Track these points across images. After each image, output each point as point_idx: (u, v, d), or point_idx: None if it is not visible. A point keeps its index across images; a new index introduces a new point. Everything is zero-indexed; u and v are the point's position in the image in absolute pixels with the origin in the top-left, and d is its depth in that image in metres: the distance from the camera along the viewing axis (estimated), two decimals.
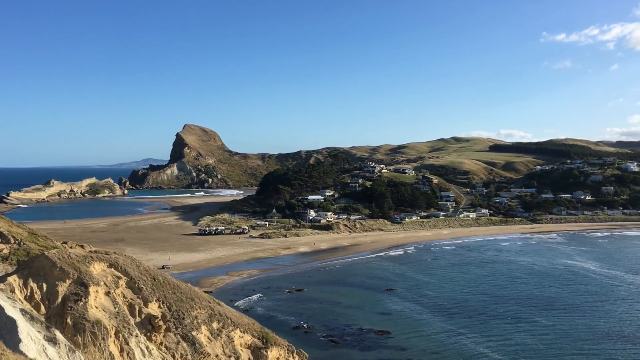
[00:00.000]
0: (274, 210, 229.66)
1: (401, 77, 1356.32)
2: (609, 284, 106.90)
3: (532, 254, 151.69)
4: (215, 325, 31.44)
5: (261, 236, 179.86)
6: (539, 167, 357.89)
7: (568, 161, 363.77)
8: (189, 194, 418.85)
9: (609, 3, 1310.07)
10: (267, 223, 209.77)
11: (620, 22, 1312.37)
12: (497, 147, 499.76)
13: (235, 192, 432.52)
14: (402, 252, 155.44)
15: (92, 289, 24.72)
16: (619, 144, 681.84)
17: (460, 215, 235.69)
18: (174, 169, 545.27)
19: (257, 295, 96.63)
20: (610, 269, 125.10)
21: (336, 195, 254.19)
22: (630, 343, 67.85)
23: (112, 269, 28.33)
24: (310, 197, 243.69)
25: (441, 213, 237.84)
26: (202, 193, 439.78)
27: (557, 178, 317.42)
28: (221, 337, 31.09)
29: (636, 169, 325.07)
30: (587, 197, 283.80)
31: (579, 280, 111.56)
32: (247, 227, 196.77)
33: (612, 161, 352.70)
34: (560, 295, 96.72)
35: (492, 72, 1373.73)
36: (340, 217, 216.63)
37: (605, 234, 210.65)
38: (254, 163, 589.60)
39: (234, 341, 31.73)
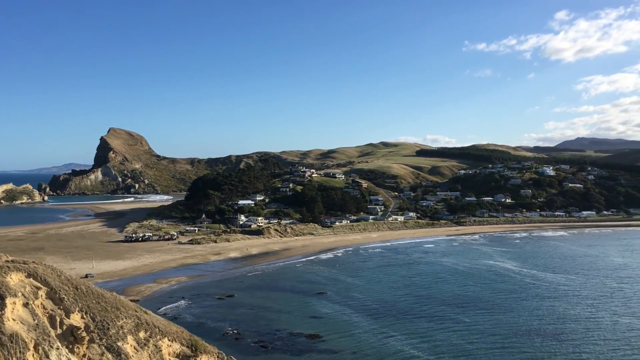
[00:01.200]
0: (203, 216, 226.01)
1: (330, 82, 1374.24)
2: (526, 283, 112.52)
3: (456, 255, 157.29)
4: (142, 334, 30.75)
5: (190, 242, 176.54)
6: (462, 172, 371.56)
7: (490, 165, 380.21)
8: (114, 200, 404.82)
9: (525, 15, 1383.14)
10: (196, 229, 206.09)
11: (536, 33, 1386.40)
12: (423, 152, 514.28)
13: (164, 197, 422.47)
14: (332, 256, 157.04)
15: (9, 301, 23.63)
16: (536, 149, 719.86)
17: (389, 219, 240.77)
18: (98, 174, 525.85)
19: (186, 302, 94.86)
20: (527, 268, 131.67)
21: (267, 200, 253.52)
22: (544, 337, 71.66)
23: (31, 279, 27.17)
24: (241, 202, 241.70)
25: (370, 217, 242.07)
26: (130, 199, 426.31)
27: (480, 182, 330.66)
28: (148, 347, 30.44)
29: (552, 173, 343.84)
30: (508, 200, 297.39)
31: (499, 280, 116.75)
32: (175, 233, 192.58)
33: (530, 165, 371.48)
34: (481, 294, 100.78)
35: (419, 79, 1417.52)
36: (271, 221, 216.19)
37: (524, 235, 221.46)
38: (183, 168, 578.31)
39: (161, 350, 31.14)
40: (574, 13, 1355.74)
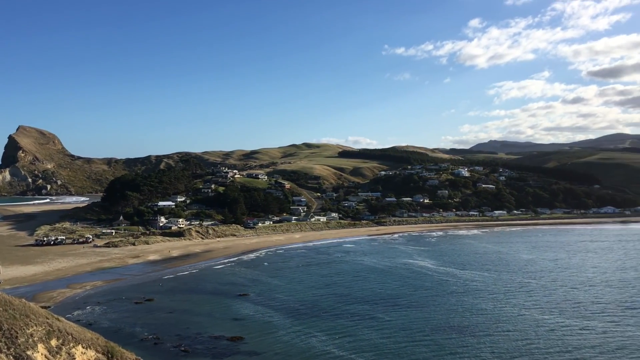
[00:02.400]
0: (121, 218, 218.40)
1: (251, 82, 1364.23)
2: (442, 280, 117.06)
3: (376, 255, 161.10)
4: (54, 342, 29.50)
5: (107, 245, 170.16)
6: (383, 173, 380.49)
7: (409, 167, 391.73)
8: (24, 202, 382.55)
9: (441, 22, 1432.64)
10: (113, 231, 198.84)
11: (451, 39, 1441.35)
12: (345, 153, 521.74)
13: (79, 199, 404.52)
14: (255, 257, 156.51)
15: None
16: (452, 151, 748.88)
17: (312, 219, 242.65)
18: (5, 175, 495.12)
19: (102, 307, 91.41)
20: (443, 266, 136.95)
21: (188, 201, 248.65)
22: (458, 331, 74.89)
23: None
24: (161, 203, 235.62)
25: (293, 217, 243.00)
26: (42, 200, 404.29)
27: (400, 183, 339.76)
28: (61, 355, 29.26)
29: (467, 174, 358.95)
30: (426, 200, 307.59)
31: (417, 277, 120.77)
32: (91, 236, 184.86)
33: (447, 167, 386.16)
34: (400, 292, 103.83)
35: (340, 81, 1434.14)
36: (193, 223, 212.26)
37: (441, 233, 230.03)
38: (99, 168, 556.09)
39: (75, 358, 30.02)
40: (486, 21, 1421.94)
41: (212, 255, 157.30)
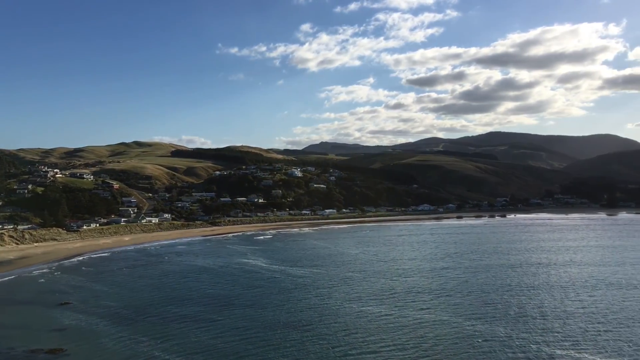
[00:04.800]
0: None
1: (79, 76, 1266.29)
2: (274, 277, 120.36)
3: (211, 255, 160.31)
4: None
5: None
6: (218, 173, 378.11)
7: (244, 167, 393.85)
8: None
9: (274, 24, 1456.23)
10: None
11: (284, 42, 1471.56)
12: (179, 153, 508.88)
13: None
14: (78, 262, 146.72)
15: None
16: (286, 151, 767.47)
17: (143, 221, 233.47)
18: None
19: None
20: (276, 264, 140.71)
21: (0, 204, 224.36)
22: (285, 327, 77.73)
23: None
24: None
25: (122, 219, 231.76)
26: None
27: (235, 183, 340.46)
28: None
29: (300, 175, 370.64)
30: (260, 200, 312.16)
31: (250, 276, 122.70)
32: None
33: (281, 167, 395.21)
34: (233, 292, 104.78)
35: (173, 78, 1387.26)
36: (6, 227, 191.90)
37: (274, 232, 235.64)
38: None
39: None
40: (317, 27, 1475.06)
41: (28, 262, 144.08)
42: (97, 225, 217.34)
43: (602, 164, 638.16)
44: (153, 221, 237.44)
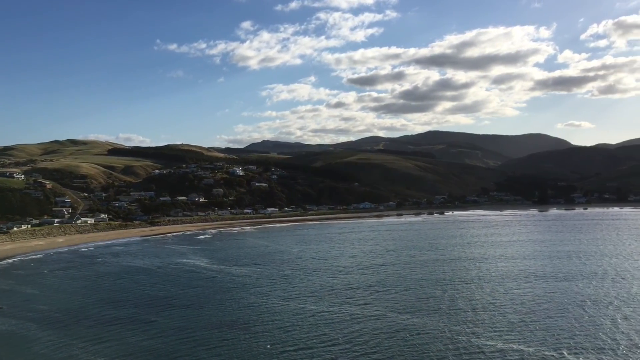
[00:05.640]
0: None
1: (7, 71, 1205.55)
2: (214, 277, 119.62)
3: (150, 256, 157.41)
4: None
5: None
6: (157, 172, 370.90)
7: (184, 166, 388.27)
8: None
9: (214, 21, 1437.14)
10: None
11: (224, 39, 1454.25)
12: (116, 151, 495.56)
13: None
14: (8, 265, 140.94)
15: None
16: (227, 150, 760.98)
17: (78, 222, 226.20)
18: None
19: None
20: (216, 264, 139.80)
21: None
22: (224, 327, 77.66)
23: None
24: None
25: (56, 220, 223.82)
26: None
27: (175, 182, 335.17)
28: None
29: (241, 173, 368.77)
30: (201, 199, 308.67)
31: (190, 276, 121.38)
32: None
33: (222, 166, 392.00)
34: (172, 293, 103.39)
35: (109, 74, 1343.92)
36: None
37: (215, 232, 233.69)
38: None
39: None
40: (257, 24, 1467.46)
41: None
42: (29, 226, 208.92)
43: (534, 162, 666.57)
44: (89, 222, 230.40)
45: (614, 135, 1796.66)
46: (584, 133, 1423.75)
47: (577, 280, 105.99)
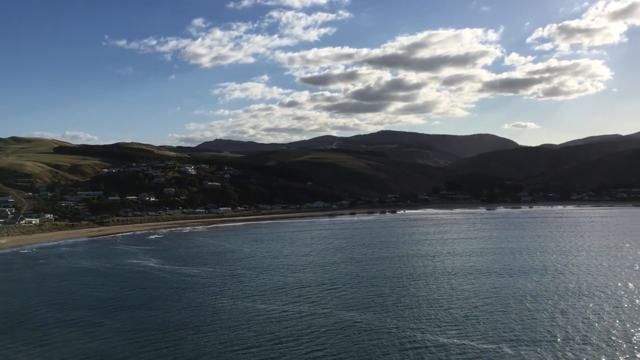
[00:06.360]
0: None
1: None
2: (165, 278, 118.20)
3: (98, 257, 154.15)
4: None
5: None
6: (106, 170, 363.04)
7: (134, 164, 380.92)
8: None
9: (165, 17, 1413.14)
10: None
11: (175, 36, 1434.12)
12: (63, 149, 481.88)
13: None
14: None
15: None
16: (179, 149, 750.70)
17: (22, 222, 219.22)
18: None
19: None
20: (167, 264, 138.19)
21: None
22: (174, 328, 77.12)
23: None
24: None
25: None
26: None
27: (124, 180, 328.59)
28: None
29: (193, 172, 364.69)
30: (152, 199, 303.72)
31: (140, 277, 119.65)
32: None
33: (173, 165, 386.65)
34: (125, 295, 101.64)
35: (56, 71, 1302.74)
36: None
37: (166, 231, 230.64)
38: None
39: None
40: (210, 22, 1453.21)
41: None
42: None
43: (483, 161, 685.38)
44: (33, 222, 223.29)
45: (558, 135, 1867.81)
46: (530, 133, 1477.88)
47: (520, 276, 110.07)
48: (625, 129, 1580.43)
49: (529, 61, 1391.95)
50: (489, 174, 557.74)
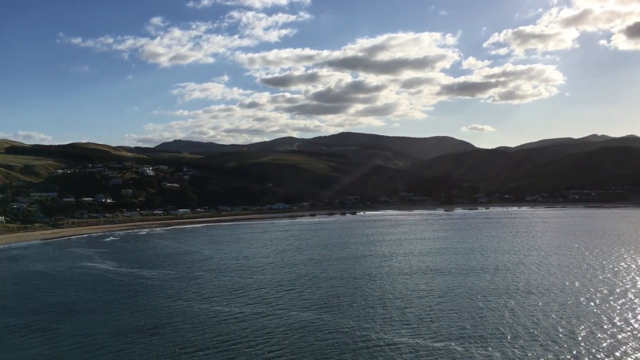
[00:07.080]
0: None
1: None
2: (121, 281, 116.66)
3: (52, 260, 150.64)
4: None
5: None
6: (60, 171, 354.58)
7: (90, 165, 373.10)
8: None
9: (122, 15, 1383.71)
10: None
11: (133, 35, 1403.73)
12: (15, 150, 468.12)
13: None
14: None
15: None
16: (137, 149, 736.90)
17: None
18: None
19: None
20: (123, 266, 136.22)
21: None
22: (130, 331, 76.48)
23: None
24: None
25: None
26: None
27: (80, 182, 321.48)
28: None
29: (152, 173, 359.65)
30: (109, 200, 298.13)
31: (95, 280, 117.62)
32: None
33: (131, 165, 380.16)
34: (80, 298, 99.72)
35: (7, 69, 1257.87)
36: None
37: (123, 234, 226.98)
38: None
39: None
40: (168, 21, 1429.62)
41: None
42: None
43: (441, 163, 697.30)
44: None
45: (514, 138, 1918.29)
46: (487, 136, 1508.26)
47: (473, 276, 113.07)
48: (577, 133, 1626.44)
49: (486, 65, 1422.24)
50: (447, 175, 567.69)
